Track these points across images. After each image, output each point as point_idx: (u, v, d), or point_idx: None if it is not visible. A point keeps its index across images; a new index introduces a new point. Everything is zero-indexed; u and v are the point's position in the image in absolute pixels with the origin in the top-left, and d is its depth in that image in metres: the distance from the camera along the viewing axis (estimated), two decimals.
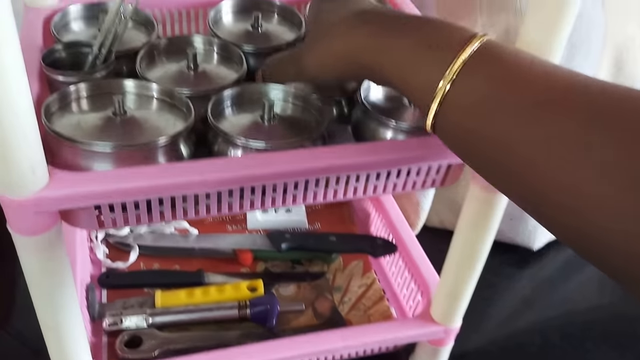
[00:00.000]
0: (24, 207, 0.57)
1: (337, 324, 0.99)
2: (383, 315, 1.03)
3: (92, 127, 0.66)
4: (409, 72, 0.57)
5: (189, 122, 0.67)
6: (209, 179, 0.63)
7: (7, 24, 0.48)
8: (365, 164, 0.68)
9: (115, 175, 0.61)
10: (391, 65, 0.58)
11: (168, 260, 1.09)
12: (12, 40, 0.49)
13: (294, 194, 0.70)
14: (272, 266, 1.10)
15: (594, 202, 0.43)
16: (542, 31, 0.64)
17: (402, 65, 0.57)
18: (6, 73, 0.49)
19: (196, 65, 0.79)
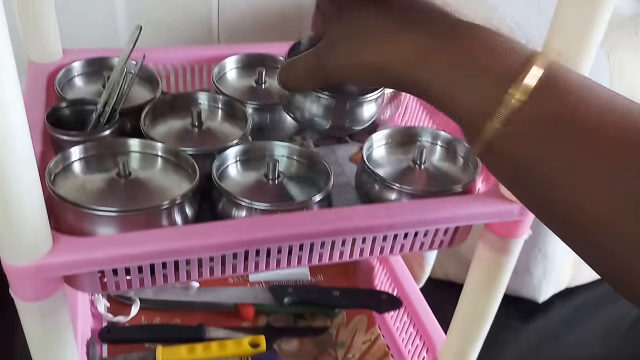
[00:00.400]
0: (27, 274, 0.57)
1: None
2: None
3: (96, 189, 0.66)
4: (461, 93, 0.50)
5: (194, 184, 0.67)
6: (213, 243, 0.63)
7: (13, 90, 0.48)
8: (372, 227, 0.68)
9: (119, 241, 0.61)
10: (439, 84, 0.51)
11: (169, 313, 1.08)
12: (18, 107, 0.49)
13: (299, 256, 0.70)
14: (274, 320, 1.09)
15: None
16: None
17: (452, 85, 0.51)
18: (11, 141, 0.49)
19: (201, 122, 0.79)
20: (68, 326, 0.65)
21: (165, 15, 1.21)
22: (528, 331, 1.22)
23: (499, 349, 1.16)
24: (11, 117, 0.48)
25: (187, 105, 0.81)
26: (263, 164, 0.74)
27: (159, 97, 0.82)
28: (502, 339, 1.18)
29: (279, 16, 1.30)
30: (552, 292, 1.25)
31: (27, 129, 0.51)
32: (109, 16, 1.19)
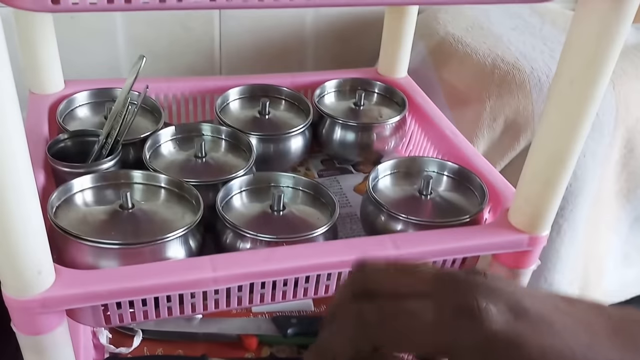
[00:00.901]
0: (29, 308, 0.55)
1: None
2: None
3: (98, 222, 0.64)
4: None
5: (198, 215, 0.65)
6: (219, 276, 0.61)
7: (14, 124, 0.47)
8: (379, 258, 0.66)
9: (122, 274, 0.59)
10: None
11: (172, 344, 1.06)
12: (19, 140, 0.48)
13: (305, 288, 0.68)
14: (278, 351, 1.07)
15: None
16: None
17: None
18: (12, 174, 0.48)
19: (204, 153, 0.78)
20: (70, 358, 0.64)
21: (167, 46, 1.20)
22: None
23: None
24: (12, 150, 0.47)
25: (191, 137, 0.80)
26: (268, 195, 0.73)
27: (161, 128, 0.81)
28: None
29: (281, 47, 1.29)
30: None
31: (29, 162, 0.49)
32: (110, 47, 1.18)
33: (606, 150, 1.06)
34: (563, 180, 0.67)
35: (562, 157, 0.65)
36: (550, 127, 0.64)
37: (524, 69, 1.06)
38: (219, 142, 0.82)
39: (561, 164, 0.65)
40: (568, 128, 0.63)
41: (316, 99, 0.93)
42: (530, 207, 0.69)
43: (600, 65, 0.58)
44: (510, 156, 1.08)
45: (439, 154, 0.89)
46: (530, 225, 0.69)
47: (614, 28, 0.56)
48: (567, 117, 0.62)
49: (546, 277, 1.15)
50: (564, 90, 0.61)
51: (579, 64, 0.59)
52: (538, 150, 0.67)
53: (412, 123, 0.97)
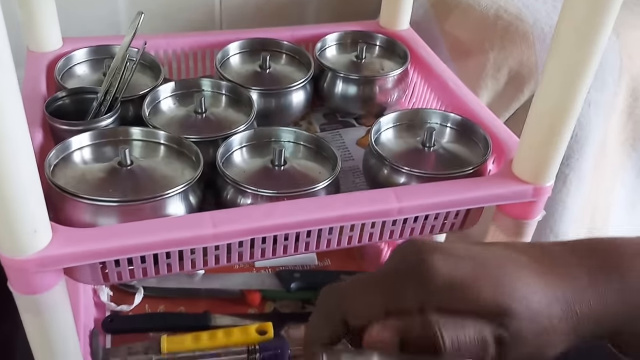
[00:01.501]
0: (26, 267, 0.54)
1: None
2: None
3: (97, 179, 0.62)
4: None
5: (197, 172, 0.63)
6: (219, 232, 0.59)
7: (9, 80, 0.45)
8: (381, 212, 0.65)
9: (120, 232, 0.57)
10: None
11: (173, 301, 1.05)
12: (14, 96, 0.46)
13: (306, 242, 0.66)
14: (282, 306, 1.06)
15: None
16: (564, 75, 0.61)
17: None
18: (7, 132, 0.46)
19: (204, 109, 0.76)
20: (69, 320, 0.62)
21: (166, 2, 1.17)
22: None
23: None
24: (7, 107, 0.45)
25: (190, 92, 0.78)
26: (269, 150, 0.71)
27: (161, 84, 0.79)
28: None
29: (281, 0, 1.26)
30: None
31: (24, 117, 0.48)
32: (109, 4, 1.15)
33: (611, 100, 1.04)
34: (567, 129, 0.65)
35: (565, 106, 0.63)
36: (554, 76, 0.62)
37: (527, 19, 1.03)
38: (219, 98, 0.80)
39: (565, 113, 0.63)
40: (571, 76, 0.61)
41: (317, 53, 0.91)
42: (534, 157, 0.67)
43: (603, 12, 0.56)
44: (514, 107, 1.06)
45: (442, 105, 0.87)
46: (534, 176, 0.68)
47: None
48: (570, 65, 0.60)
49: (552, 228, 1.13)
50: (567, 38, 0.59)
51: (581, 11, 0.57)
52: (541, 100, 0.64)
53: (415, 75, 0.94)
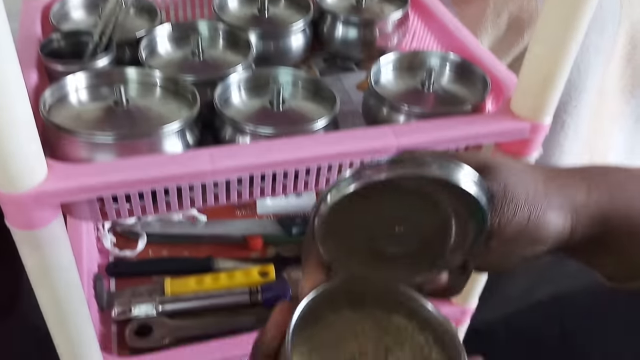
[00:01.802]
0: (22, 202, 0.53)
1: None
2: None
3: (92, 118, 0.62)
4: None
5: (194, 110, 0.63)
6: (217, 168, 0.59)
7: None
8: (380, 149, 0.64)
9: (116, 167, 0.57)
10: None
11: (177, 247, 1.05)
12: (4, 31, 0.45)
13: (305, 180, 0.66)
14: (283, 250, 1.06)
15: None
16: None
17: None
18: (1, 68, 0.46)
19: (201, 51, 0.74)
20: (69, 258, 0.62)
21: None
22: None
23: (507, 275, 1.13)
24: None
25: (187, 35, 0.77)
26: (267, 92, 0.71)
27: (157, 27, 0.77)
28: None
29: None
30: None
31: (14, 50, 0.47)
32: None
33: (610, 46, 1.03)
34: (565, 68, 0.64)
35: (563, 45, 0.62)
36: (552, 14, 0.61)
37: None
38: (216, 40, 0.79)
39: (562, 51, 0.62)
40: (568, 15, 0.60)
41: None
42: (532, 95, 0.66)
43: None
44: (514, 52, 1.05)
45: (442, 48, 0.86)
46: (532, 113, 0.67)
47: None
48: (568, 4, 0.59)
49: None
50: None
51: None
52: (540, 39, 0.64)
53: (415, 19, 0.93)
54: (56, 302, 0.64)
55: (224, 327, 0.90)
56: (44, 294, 0.63)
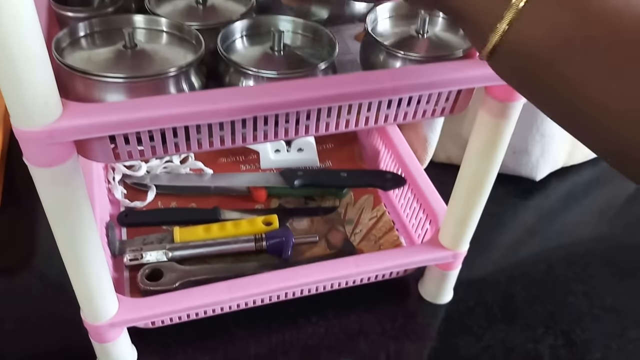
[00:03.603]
0: (38, 138, 0.54)
1: (350, 253, 0.96)
2: (393, 244, 1.01)
3: (103, 61, 0.62)
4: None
5: (199, 54, 0.63)
6: (222, 108, 0.59)
7: None
8: (377, 91, 0.64)
9: (128, 105, 0.58)
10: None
11: (185, 198, 1.06)
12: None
13: (306, 125, 0.66)
14: (286, 202, 1.07)
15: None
16: None
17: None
18: (17, 6, 0.46)
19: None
20: (85, 198, 0.63)
21: None
22: (526, 208, 1.19)
23: (497, 223, 1.14)
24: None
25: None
26: (268, 39, 0.71)
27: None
28: (501, 216, 1.16)
29: None
30: (549, 170, 1.23)
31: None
32: None
33: None
34: None
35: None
36: None
37: None
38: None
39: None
40: None
41: None
42: None
43: None
44: None
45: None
46: None
47: None
48: None
49: (538, 128, 1.13)
50: None
51: None
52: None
53: None
54: (73, 241, 0.65)
55: (230, 272, 0.92)
56: (61, 233, 0.64)
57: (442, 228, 0.91)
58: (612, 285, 1.05)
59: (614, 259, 1.10)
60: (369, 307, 0.97)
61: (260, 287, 0.84)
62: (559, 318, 0.98)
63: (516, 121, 0.74)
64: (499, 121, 0.73)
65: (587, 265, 1.08)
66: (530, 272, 1.06)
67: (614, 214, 1.21)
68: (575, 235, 1.15)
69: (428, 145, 1.14)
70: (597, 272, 1.07)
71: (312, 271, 0.87)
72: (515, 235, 1.13)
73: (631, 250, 1.13)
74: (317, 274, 0.86)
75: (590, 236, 1.15)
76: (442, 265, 0.93)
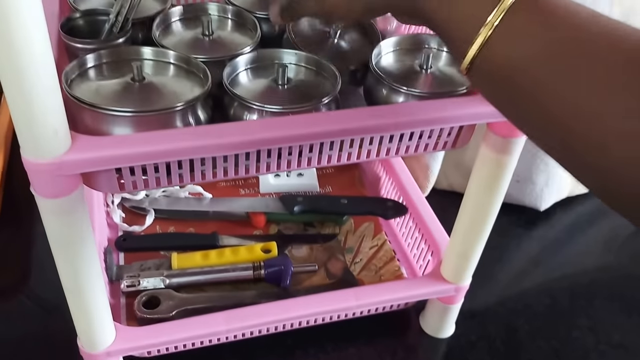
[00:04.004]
0: (47, 170, 0.58)
1: (349, 283, 1.00)
2: (394, 274, 1.04)
3: (111, 93, 0.66)
4: (453, 7, 0.53)
5: (206, 88, 0.68)
6: (227, 142, 0.63)
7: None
8: (379, 127, 0.68)
9: (135, 139, 0.62)
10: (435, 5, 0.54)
11: (183, 223, 1.10)
12: (37, 9, 0.50)
13: (309, 157, 0.70)
14: (285, 228, 1.11)
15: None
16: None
17: (449, 7, 0.53)
18: (31, 40, 0.50)
19: (211, 32, 0.79)
20: (88, 227, 0.67)
21: None
22: (530, 239, 1.22)
23: (500, 254, 1.17)
24: (31, 21, 0.49)
25: (198, 16, 0.82)
26: (272, 72, 0.75)
27: (169, 8, 0.82)
28: (505, 247, 1.19)
29: None
30: (553, 200, 1.26)
31: (46, 31, 0.51)
32: None
33: None
34: None
35: None
36: None
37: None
38: (225, 22, 0.84)
39: None
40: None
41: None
42: None
43: None
44: None
45: None
46: None
47: None
48: None
49: (542, 157, 1.17)
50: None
51: None
52: None
53: None
54: (75, 270, 0.69)
55: (228, 300, 0.95)
56: (63, 262, 0.69)
57: (444, 260, 0.94)
58: (619, 320, 1.08)
59: (620, 292, 1.13)
60: (369, 340, 1.00)
61: (258, 319, 0.87)
62: (564, 354, 1.01)
63: (519, 153, 0.78)
64: (501, 157, 0.77)
65: (593, 297, 1.11)
66: (533, 305, 1.09)
67: (620, 244, 1.23)
68: (580, 266, 1.18)
69: (430, 173, 1.18)
70: (603, 306, 1.10)
71: (311, 303, 0.90)
72: (518, 267, 1.16)
73: (638, 282, 1.15)
74: (316, 305, 0.90)
75: (595, 267, 1.18)
76: (444, 298, 0.97)
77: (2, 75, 0.51)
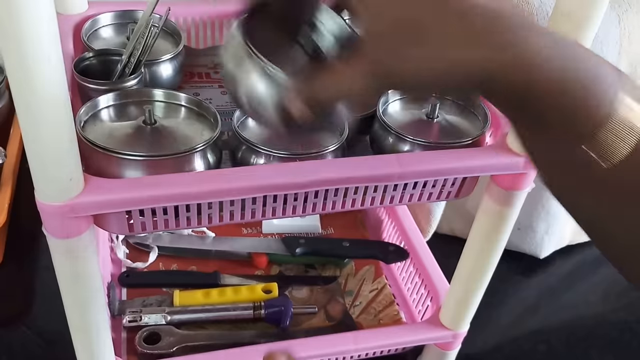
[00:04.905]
0: (60, 212, 0.60)
1: (348, 326, 1.01)
2: (393, 319, 1.05)
3: (123, 136, 0.68)
4: (577, 90, 0.45)
5: (216, 132, 0.69)
6: (235, 187, 0.65)
7: (52, 37, 0.50)
8: (384, 176, 0.70)
9: (146, 183, 0.63)
10: (544, 91, 0.46)
11: (186, 261, 1.11)
12: (55, 53, 0.51)
13: (314, 203, 0.72)
14: (286, 270, 1.12)
15: None
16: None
17: (560, 93, 0.46)
18: (48, 84, 0.51)
19: None
20: (96, 267, 0.68)
21: None
22: (528, 286, 1.23)
23: (499, 301, 1.18)
24: (49, 62, 0.50)
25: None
26: None
27: (181, 51, 0.84)
28: (503, 293, 1.20)
29: None
30: (553, 248, 1.27)
31: (63, 73, 0.53)
32: None
33: None
34: None
35: None
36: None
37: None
38: None
39: None
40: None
41: None
42: None
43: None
44: None
45: None
46: None
47: None
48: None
49: (544, 205, 1.18)
50: (560, 21, 0.64)
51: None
52: None
53: None
54: (81, 306, 0.70)
55: (227, 339, 0.96)
56: (71, 299, 0.70)
57: (443, 307, 0.96)
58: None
59: (616, 342, 1.14)
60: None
61: (257, 358, 0.88)
62: None
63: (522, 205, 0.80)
64: (503, 209, 0.78)
65: (589, 346, 1.12)
66: (530, 352, 1.10)
67: (618, 294, 1.24)
68: (577, 314, 1.19)
69: (432, 218, 1.19)
70: (598, 355, 1.10)
71: (310, 345, 0.91)
72: (516, 313, 1.17)
73: (636, 332, 1.16)
74: (314, 348, 0.91)
75: (592, 316, 1.19)
76: (441, 344, 0.97)
77: (22, 123, 0.53)
